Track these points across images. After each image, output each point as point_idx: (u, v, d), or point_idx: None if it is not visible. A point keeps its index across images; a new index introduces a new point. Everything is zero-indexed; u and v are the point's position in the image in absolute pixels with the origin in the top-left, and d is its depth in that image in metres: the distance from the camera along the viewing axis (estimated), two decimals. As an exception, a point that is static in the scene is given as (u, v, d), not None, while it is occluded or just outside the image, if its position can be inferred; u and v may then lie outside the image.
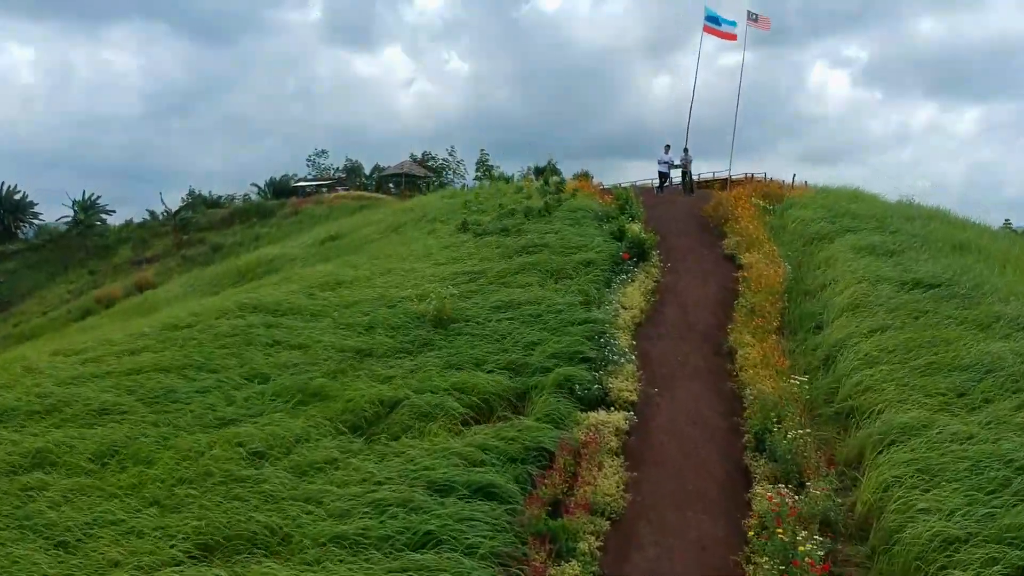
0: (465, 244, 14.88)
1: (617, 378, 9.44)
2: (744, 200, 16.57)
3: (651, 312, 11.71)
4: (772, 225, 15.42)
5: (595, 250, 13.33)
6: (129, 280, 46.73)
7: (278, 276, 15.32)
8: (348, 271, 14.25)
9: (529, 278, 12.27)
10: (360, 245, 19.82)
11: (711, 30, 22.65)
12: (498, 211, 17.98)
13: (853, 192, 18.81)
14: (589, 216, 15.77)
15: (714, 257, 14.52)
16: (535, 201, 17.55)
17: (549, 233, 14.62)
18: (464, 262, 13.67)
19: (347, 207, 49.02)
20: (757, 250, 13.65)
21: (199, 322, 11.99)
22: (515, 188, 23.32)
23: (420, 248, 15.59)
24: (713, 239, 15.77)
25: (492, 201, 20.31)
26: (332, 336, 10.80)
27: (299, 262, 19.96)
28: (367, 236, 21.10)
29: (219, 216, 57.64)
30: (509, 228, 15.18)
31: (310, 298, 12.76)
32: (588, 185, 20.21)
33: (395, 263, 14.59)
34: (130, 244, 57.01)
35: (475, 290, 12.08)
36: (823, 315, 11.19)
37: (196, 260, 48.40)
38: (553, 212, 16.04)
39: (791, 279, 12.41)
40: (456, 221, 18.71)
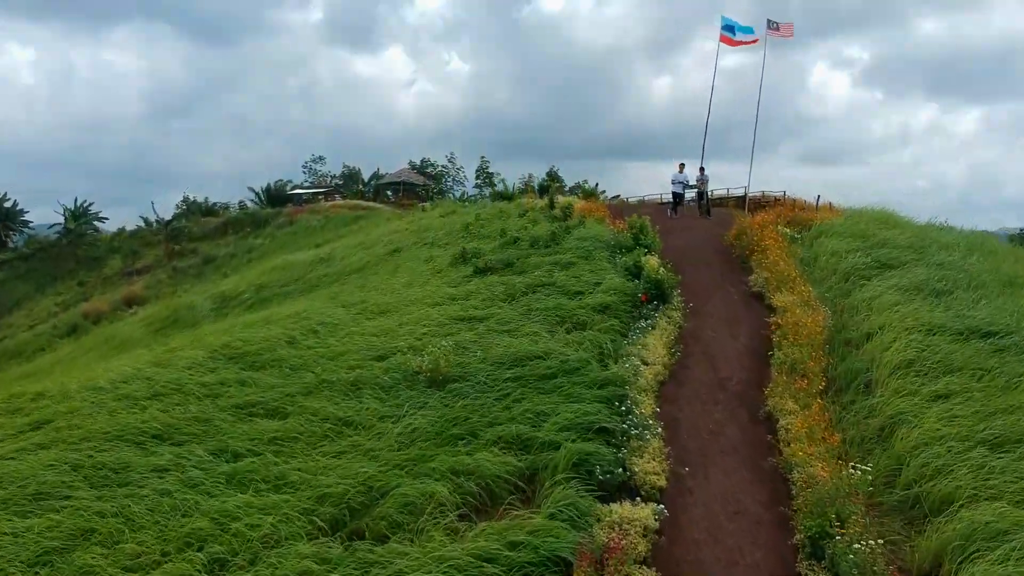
0: (465, 281, 13.53)
1: (642, 457, 8.10)
2: (770, 228, 15.24)
3: (676, 367, 10.36)
4: (802, 258, 14.08)
5: (609, 290, 11.99)
6: (118, 293, 45.39)
7: (260, 315, 13.97)
8: (337, 311, 12.92)
9: (537, 326, 10.93)
10: (352, 272, 18.50)
11: (728, 40, 21.39)
12: (500, 238, 16.66)
13: (884, 216, 17.50)
14: (600, 247, 14.43)
15: (741, 295, 13.18)
16: (541, 228, 16.22)
17: (558, 268, 13.29)
18: (464, 303, 12.33)
19: (343, 217, 47.67)
20: (789, 290, 12.32)
21: (161, 375, 10.64)
22: (517, 207, 22.01)
23: (416, 283, 14.26)
24: (738, 273, 14.44)
25: (494, 224, 19.00)
26: (314, 399, 9.46)
27: (284, 295, 18.63)
28: (360, 261, 19.78)
29: (212, 225, 56.27)
30: (513, 262, 13.84)
31: (291, 346, 11.42)
32: (597, 207, 18.88)
33: (388, 298, 13.26)
34: (121, 254, 55.61)
35: (476, 339, 10.74)
36: (872, 372, 9.86)
37: (187, 272, 47.04)
38: (561, 242, 14.71)
39: (831, 327, 11.07)
40: (455, 247, 17.40)
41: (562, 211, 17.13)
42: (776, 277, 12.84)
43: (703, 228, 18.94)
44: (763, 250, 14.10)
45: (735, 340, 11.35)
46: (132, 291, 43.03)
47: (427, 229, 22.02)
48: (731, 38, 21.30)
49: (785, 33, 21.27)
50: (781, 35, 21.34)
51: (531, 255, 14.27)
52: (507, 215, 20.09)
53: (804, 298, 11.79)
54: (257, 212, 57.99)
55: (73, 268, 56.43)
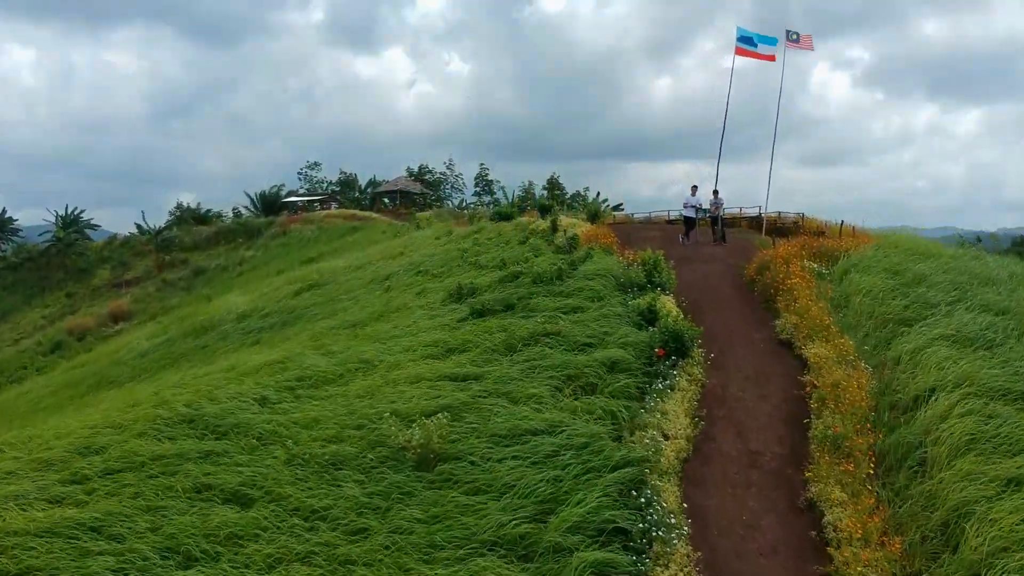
0: (461, 324, 12.23)
1: (667, 567, 6.83)
2: (795, 263, 13.94)
3: (700, 439, 9.06)
4: (833, 300, 12.78)
5: (621, 341, 10.69)
6: (105, 306, 44.07)
7: (234, 361, 12.65)
8: (318, 361, 11.62)
9: (540, 386, 9.63)
10: (340, 302, 17.20)
11: (745, 52, 20.12)
12: (499, 270, 15.36)
13: (913, 242, 16.25)
14: (609, 285, 13.13)
15: (767, 344, 11.88)
16: (544, 261, 14.91)
17: (563, 313, 11.99)
18: (459, 355, 11.04)
19: (337, 229, 46.37)
20: (822, 340, 11.03)
21: (113, 444, 9.33)
22: (517, 229, 20.73)
23: (407, 325, 12.96)
24: (761, 314, 13.15)
25: (492, 252, 17.73)
26: (285, 485, 8.15)
27: (266, 328, 17.32)
28: (349, 290, 18.47)
29: (204, 235, 54.93)
30: (514, 303, 12.55)
31: (263, 407, 10.12)
32: (604, 233, 17.58)
33: (374, 347, 11.96)
34: (110, 265, 54.25)
35: (471, 402, 9.44)
36: (926, 447, 8.57)
37: (176, 285, 45.72)
38: (567, 280, 13.41)
39: (874, 388, 9.78)
40: (451, 278, 16.11)
41: (567, 242, 15.81)
42: (806, 324, 11.54)
43: (719, 257, 17.63)
44: (789, 290, 12.81)
45: (765, 401, 10.05)
46: (119, 306, 41.69)
47: (422, 252, 20.71)
48: (749, 50, 20.05)
49: (805, 45, 20.03)
50: (800, 47, 20.10)
51: (534, 295, 12.97)
52: (507, 239, 18.81)
53: (840, 352, 10.50)
54: (250, 222, 56.65)
55: (62, 279, 55.11)
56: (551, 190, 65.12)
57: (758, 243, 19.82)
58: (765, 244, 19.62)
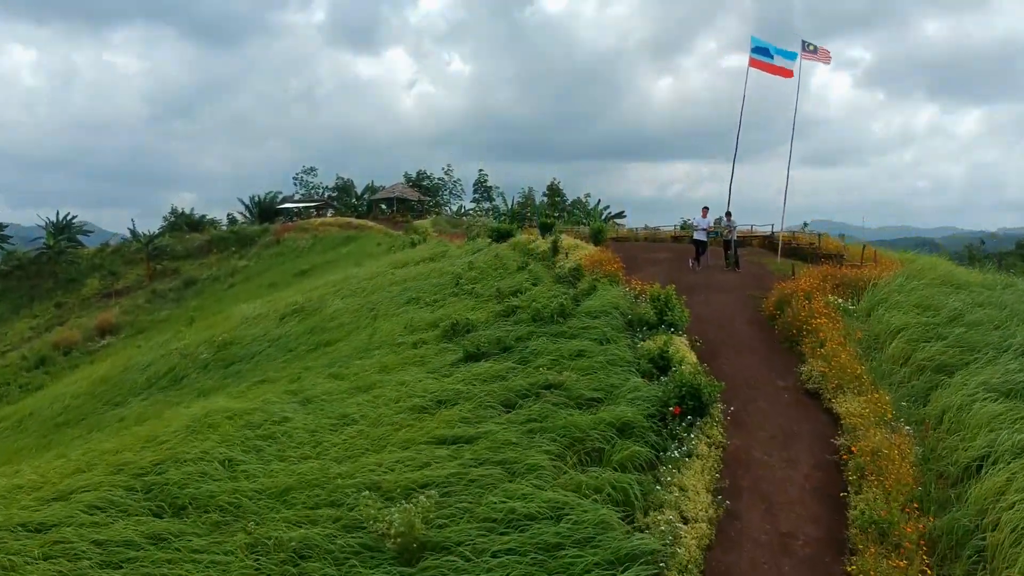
0: (453, 370, 11.12)
1: None
2: (818, 299, 12.83)
3: (723, 520, 7.93)
4: (862, 342, 11.66)
5: (631, 396, 9.57)
6: (94, 318, 42.95)
7: (199, 409, 11.52)
8: (294, 412, 10.52)
9: (540, 454, 8.50)
10: (325, 333, 16.09)
11: (760, 64, 19.00)
12: (496, 302, 14.26)
13: (945, 270, 15.15)
14: (616, 324, 12.01)
15: (792, 394, 10.76)
16: (544, 293, 13.80)
17: (565, 356, 10.88)
18: (450, 408, 9.93)
19: (332, 238, 45.25)
20: (854, 392, 9.92)
21: (58, 520, 8.21)
22: (516, 251, 19.63)
23: (393, 368, 11.85)
24: (784, 358, 12.03)
25: (488, 278, 16.62)
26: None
27: (247, 359, 16.20)
28: (336, 316, 17.35)
29: (197, 243, 53.79)
30: (512, 345, 11.44)
31: (228, 471, 9.00)
32: (608, 259, 16.46)
33: (356, 399, 10.85)
34: (101, 274, 53.09)
35: (462, 473, 8.32)
36: (983, 536, 7.45)
37: (166, 296, 44.60)
38: (569, 316, 12.29)
39: (918, 454, 8.66)
40: (443, 310, 15.01)
41: (570, 274, 14.68)
42: (835, 372, 10.43)
43: (733, 286, 16.49)
44: (814, 331, 11.69)
45: (794, 468, 8.92)
46: (106, 319, 40.55)
47: (414, 273, 19.62)
48: (764, 62, 18.93)
49: (822, 58, 18.93)
50: (817, 59, 18.99)
51: (533, 334, 11.85)
52: (504, 263, 17.70)
53: (876, 408, 9.38)
54: (243, 230, 55.53)
55: (51, 288, 53.97)
56: (551, 196, 64.06)
57: (774, 268, 18.71)
58: (782, 270, 18.51)
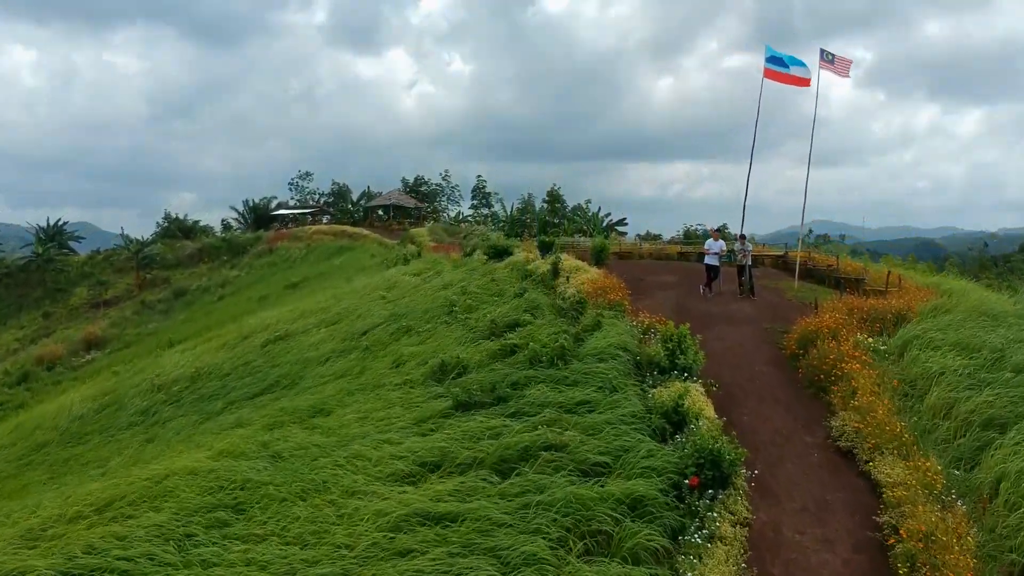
0: (441, 422, 9.92)
1: None
2: (845, 337, 11.64)
3: (754, 625, 6.73)
4: (899, 390, 10.45)
5: (643, 463, 8.37)
6: (80, 331, 41.73)
7: (157, 465, 10.29)
8: (260, 474, 9.32)
9: (537, 538, 7.30)
10: (306, 367, 14.89)
11: (775, 75, 17.83)
12: (491, 336, 13.07)
13: (977, 299, 13.94)
14: (623, 369, 10.80)
15: (823, 453, 9.55)
16: (543, 329, 12.59)
17: (566, 408, 9.68)
18: (435, 472, 8.74)
19: (325, 248, 44.02)
20: (895, 454, 8.73)
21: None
22: (512, 272, 18.44)
23: (373, 418, 10.66)
24: (810, 406, 10.83)
25: (483, 306, 15.43)
26: None
27: (220, 395, 14.98)
28: (319, 346, 16.15)
29: (187, 251, 52.53)
30: (507, 393, 10.24)
31: (176, 555, 7.79)
32: (613, 286, 15.24)
33: (334, 454, 9.65)
34: (90, 283, 51.83)
35: (447, 564, 7.11)
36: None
37: (155, 308, 43.35)
38: (571, 358, 11.09)
39: (975, 538, 7.46)
40: (434, 342, 13.82)
41: (572, 307, 13.45)
42: (871, 429, 9.23)
43: (749, 317, 15.26)
44: (844, 377, 10.50)
45: (831, 550, 7.72)
46: (92, 332, 39.30)
47: (405, 295, 18.45)
48: (780, 72, 17.78)
49: (840, 70, 17.74)
50: (835, 71, 17.82)
51: (531, 379, 10.66)
52: (501, 288, 16.50)
53: (923, 478, 8.18)
54: (235, 238, 54.26)
55: (40, 297, 52.74)
56: (551, 203, 62.80)
57: (791, 296, 17.49)
58: (800, 296, 17.30)
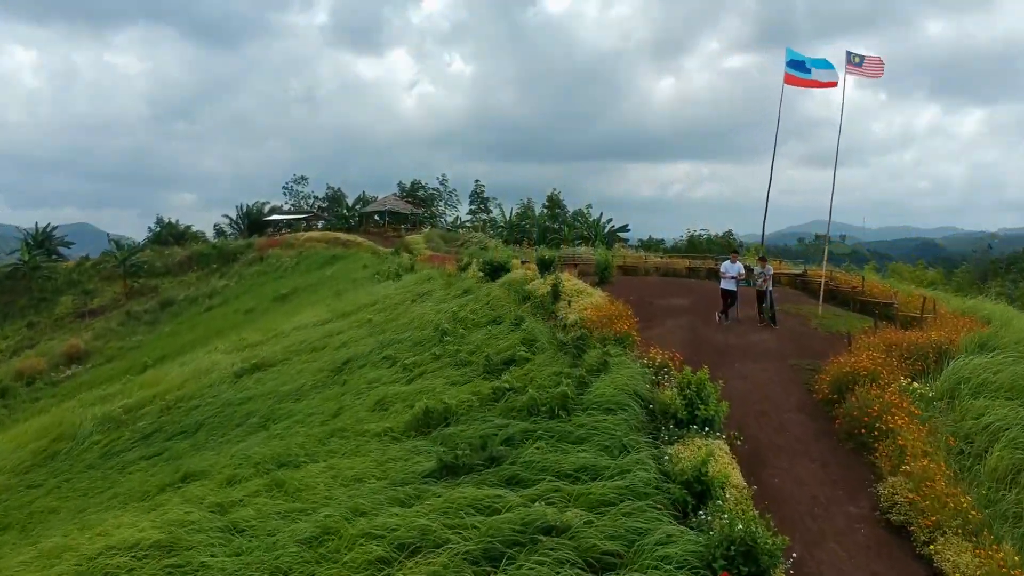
0: (423, 491, 8.52)
1: None
2: (887, 383, 10.25)
3: None
4: (955, 449, 9.06)
5: (660, 553, 6.97)
6: (63, 343, 40.33)
7: (97, 543, 8.89)
8: (211, 538, 7.93)
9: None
10: (280, 403, 13.50)
11: (796, 81, 16.42)
12: (484, 376, 11.71)
13: (1022, 328, 12.58)
14: (635, 422, 9.39)
15: (870, 528, 8.15)
16: (542, 368, 11.20)
17: (569, 476, 8.28)
18: (414, 559, 7.34)
19: (317, 256, 42.59)
20: (959, 534, 7.34)
21: None
22: (512, 297, 17.08)
23: (349, 473, 9.28)
24: (851, 465, 9.42)
25: (476, 335, 14.03)
26: None
27: (188, 433, 13.60)
28: (297, 378, 14.77)
29: (176, 259, 51.07)
30: (499, 453, 8.85)
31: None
32: (620, 313, 13.86)
33: (296, 526, 8.26)
34: (77, 292, 50.39)
35: None
36: None
37: (141, 319, 41.94)
38: (573, 408, 9.70)
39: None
40: (421, 381, 12.46)
41: (574, 342, 12.02)
42: (929, 502, 7.83)
43: (772, 351, 13.84)
44: (890, 434, 9.12)
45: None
46: (74, 345, 37.87)
47: (392, 321, 17.10)
48: (801, 78, 16.39)
49: (870, 71, 16.34)
50: (863, 73, 16.44)
51: (528, 435, 9.26)
52: (496, 316, 15.09)
53: (998, 570, 6.79)
54: (225, 246, 52.79)
55: (26, 305, 51.33)
56: (551, 208, 61.46)
57: (816, 324, 16.04)
58: (827, 325, 15.85)
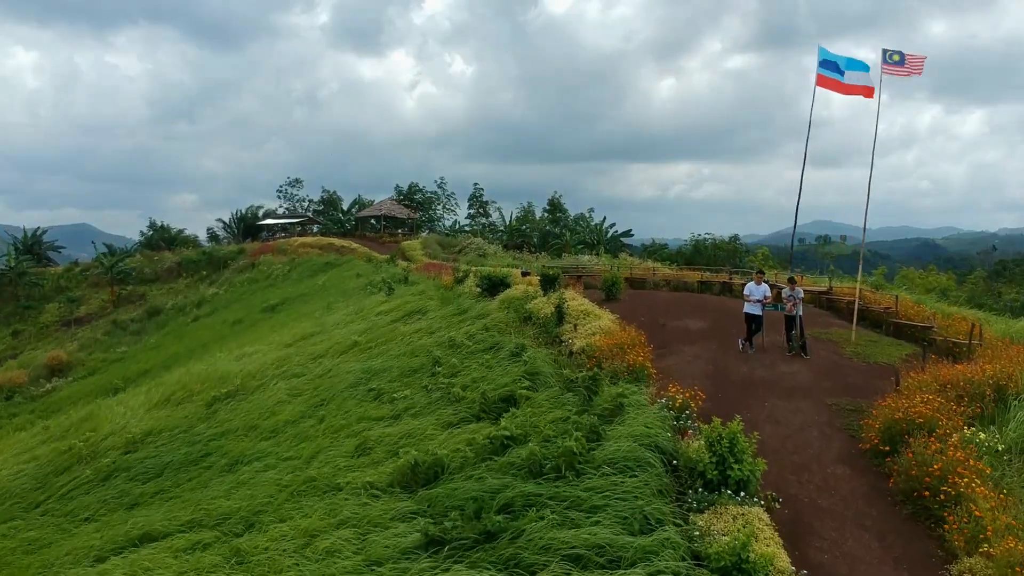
0: (404, 574, 7.13)
1: None
2: (944, 428, 8.86)
3: None
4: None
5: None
6: (46, 352, 38.90)
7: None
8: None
9: None
10: (252, 441, 12.10)
11: (830, 83, 15.04)
12: (480, 418, 10.34)
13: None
14: (656, 483, 7.99)
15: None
16: (546, 411, 9.81)
17: (580, 559, 6.88)
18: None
19: (310, 263, 41.14)
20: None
21: None
22: (512, 318, 15.71)
23: (319, 544, 7.90)
24: (911, 533, 8.03)
25: (472, 364, 12.64)
26: None
27: (151, 475, 12.20)
28: (274, 411, 13.38)
29: (165, 266, 49.59)
30: (496, 525, 7.46)
31: None
32: (628, 340, 12.48)
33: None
34: (64, 299, 48.90)
35: None
36: None
37: (127, 328, 40.50)
38: (583, 470, 8.29)
39: None
40: (408, 422, 11.11)
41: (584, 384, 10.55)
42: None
43: (806, 386, 12.35)
44: (960, 500, 7.74)
45: None
46: (57, 356, 36.40)
47: (380, 346, 15.72)
48: (834, 80, 14.99)
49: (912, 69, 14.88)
50: (902, 72, 15.03)
51: (529, 499, 7.87)
52: (494, 343, 13.69)
53: None
54: (215, 252, 51.27)
55: (11, 312, 49.88)
56: (552, 212, 60.03)
57: (850, 352, 14.56)
58: (862, 354, 14.37)
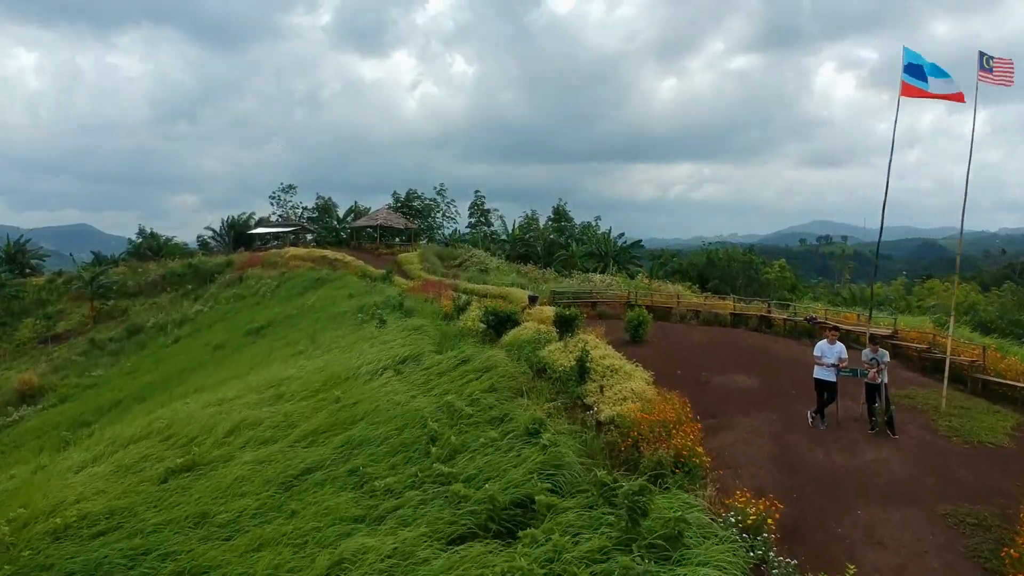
0: None
1: None
2: None
3: None
4: None
5: None
6: (17, 374, 36.47)
7: None
8: None
9: None
10: (203, 531, 9.76)
11: (914, 91, 12.83)
12: (485, 530, 8.02)
13: None
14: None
15: None
16: (575, 524, 7.48)
17: None
18: None
19: (300, 279, 38.72)
20: None
21: None
22: (523, 371, 13.41)
23: None
24: None
25: (476, 446, 10.27)
26: None
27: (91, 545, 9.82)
28: (233, 489, 11.00)
29: (149, 279, 47.18)
30: None
31: None
32: (670, 407, 10.16)
33: None
34: (42, 314, 46.45)
35: None
36: None
37: (105, 348, 38.07)
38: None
39: None
40: (395, 540, 8.79)
41: (628, 501, 8.08)
42: None
43: (905, 484, 9.59)
44: None
45: None
46: (27, 380, 33.92)
47: (366, 403, 13.41)
48: (919, 88, 12.79)
49: (1001, 79, 12.73)
50: (993, 80, 12.86)
51: None
52: (505, 413, 11.31)
53: None
54: (202, 264, 48.79)
55: (-13, 327, 47.43)
56: (557, 220, 57.72)
57: (944, 425, 11.79)
58: (961, 430, 11.46)
